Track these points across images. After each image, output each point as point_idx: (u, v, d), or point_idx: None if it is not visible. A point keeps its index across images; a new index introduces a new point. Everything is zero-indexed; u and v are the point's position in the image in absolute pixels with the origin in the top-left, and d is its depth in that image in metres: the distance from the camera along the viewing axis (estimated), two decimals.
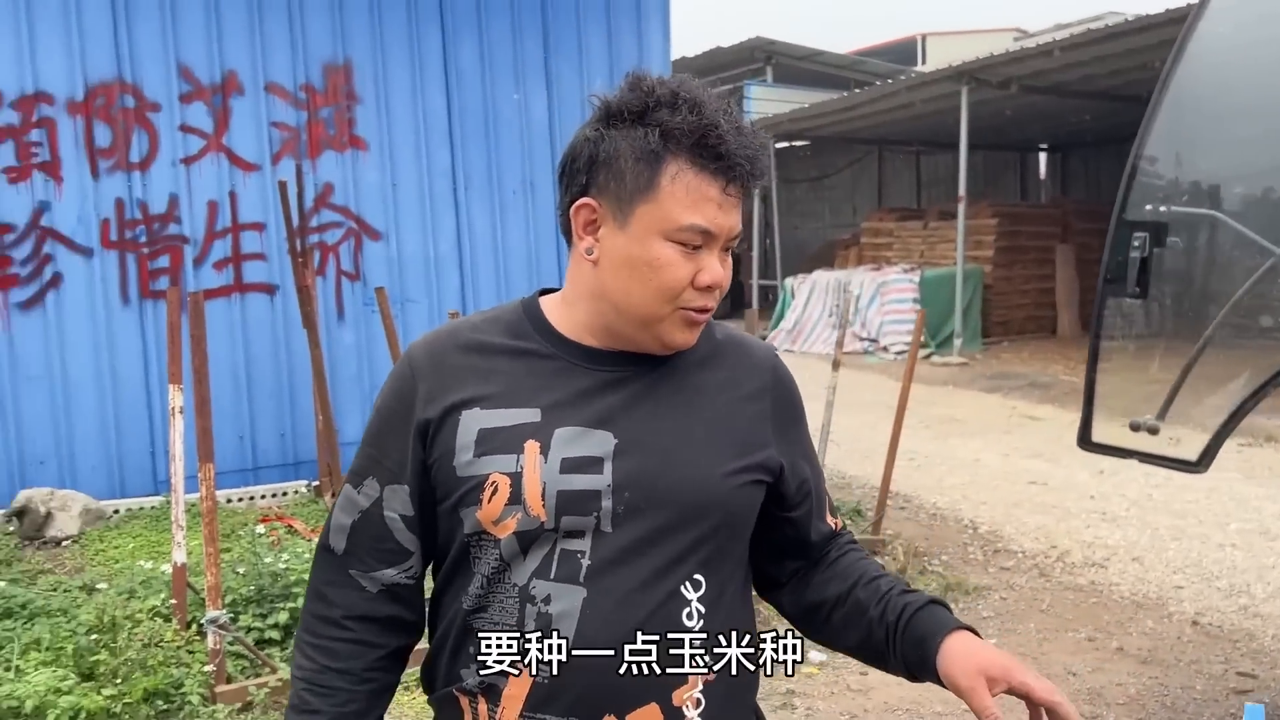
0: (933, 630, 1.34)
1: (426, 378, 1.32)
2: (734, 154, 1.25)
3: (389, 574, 1.34)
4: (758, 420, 1.38)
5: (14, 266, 6.06)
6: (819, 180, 23.78)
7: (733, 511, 1.35)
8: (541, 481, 1.26)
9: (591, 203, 1.29)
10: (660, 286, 1.26)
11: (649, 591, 1.27)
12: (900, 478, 8.44)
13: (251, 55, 6.56)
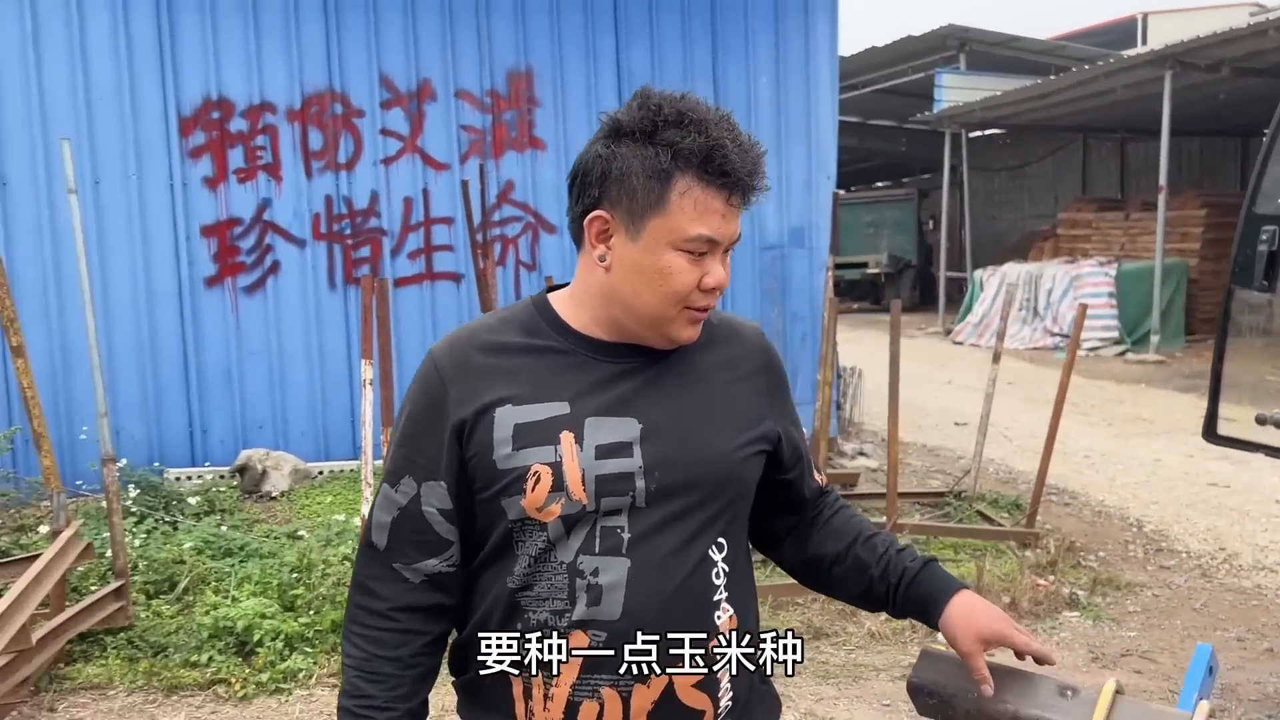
0: (934, 594, 1.52)
1: (455, 380, 1.39)
2: (737, 170, 1.35)
3: (431, 564, 1.41)
4: (755, 396, 1.50)
5: (241, 255, 6.95)
6: (1019, 169, 22.93)
7: (745, 481, 1.48)
8: (580, 468, 1.35)
9: (604, 215, 1.37)
10: (670, 291, 1.36)
11: (683, 556, 1.38)
12: (1071, 475, 8.29)
13: (444, 65, 7.21)
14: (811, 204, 8.02)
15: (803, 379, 8.05)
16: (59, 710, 3.87)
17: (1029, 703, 1.55)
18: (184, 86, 6.75)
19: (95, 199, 6.55)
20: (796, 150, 7.97)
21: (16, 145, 6.45)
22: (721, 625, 1.40)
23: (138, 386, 6.71)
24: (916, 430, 10.13)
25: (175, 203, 6.79)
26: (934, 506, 7.05)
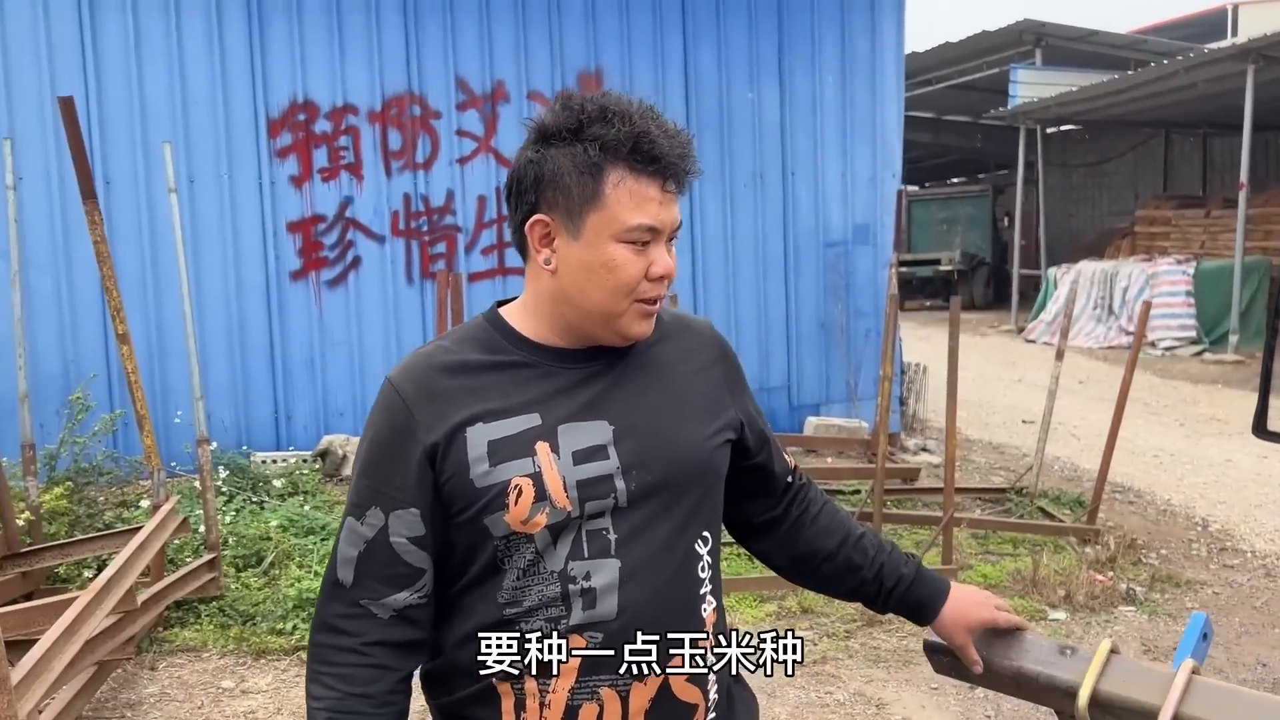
0: (929, 599, 1.63)
1: (420, 405, 1.36)
2: (667, 155, 1.34)
3: (401, 597, 1.35)
4: (716, 387, 1.52)
5: (325, 250, 7.30)
6: (1097, 165, 22.52)
7: (716, 471, 1.49)
8: (560, 475, 1.34)
9: (544, 218, 1.37)
10: (617, 284, 1.35)
11: (671, 552, 1.40)
12: (1138, 474, 8.25)
13: (517, 67, 7.47)
14: (876, 201, 8.11)
15: (866, 375, 8.15)
16: (159, 669, 4.20)
17: (1032, 660, 1.70)
18: (272, 90, 7.12)
19: (190, 197, 6.95)
20: (862, 148, 8.07)
21: (119, 147, 6.87)
22: (707, 617, 1.43)
23: (227, 374, 7.11)
24: (983, 428, 10.13)
25: (263, 200, 7.17)
26: (995, 502, 7.11)
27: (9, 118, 6.60)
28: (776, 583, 5.31)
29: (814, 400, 8.29)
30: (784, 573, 1.71)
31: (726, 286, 7.95)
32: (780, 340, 8.19)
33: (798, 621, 4.93)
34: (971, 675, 1.75)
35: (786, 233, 8.04)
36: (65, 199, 6.63)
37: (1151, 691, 1.59)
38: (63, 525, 5.14)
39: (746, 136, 7.91)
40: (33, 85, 6.68)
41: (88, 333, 6.86)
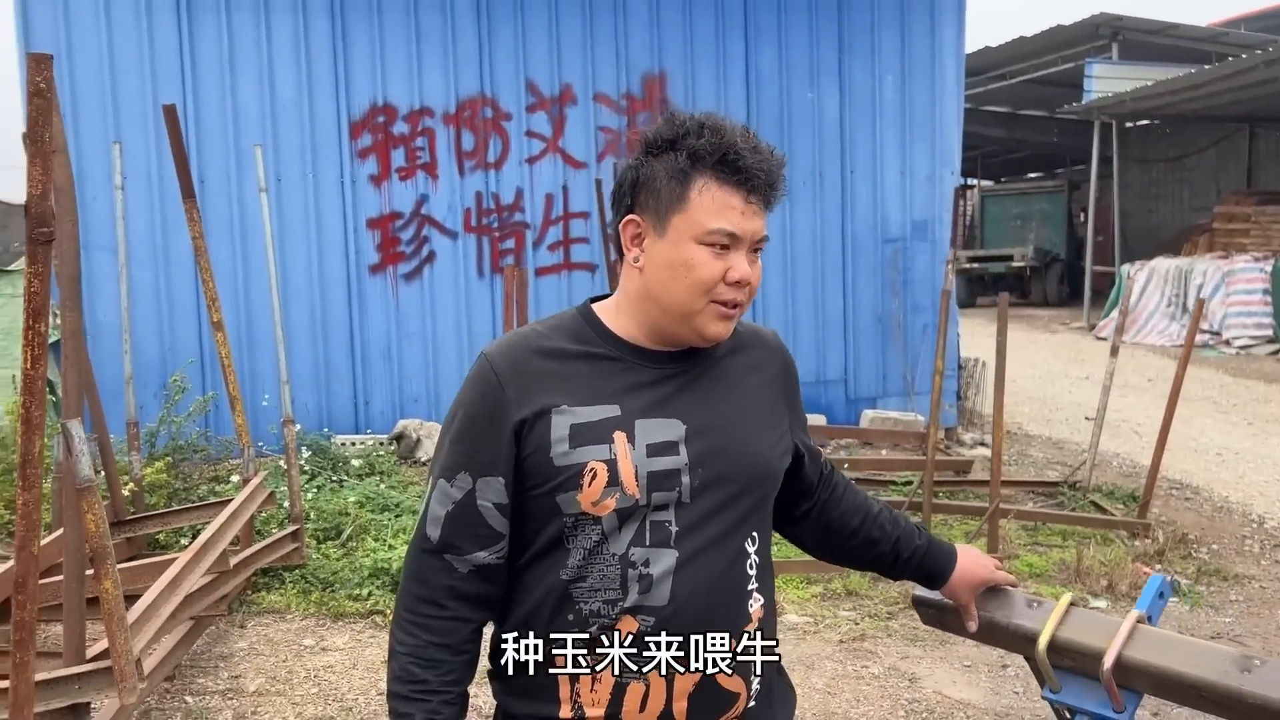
0: (940, 567, 1.82)
1: (511, 382, 1.46)
2: (751, 168, 1.43)
3: (481, 556, 1.46)
4: (777, 400, 1.63)
5: (401, 246, 7.72)
6: (1178, 160, 22.04)
7: (775, 478, 1.60)
8: (634, 465, 1.43)
9: (636, 218, 1.48)
10: (695, 282, 1.44)
11: (723, 548, 1.48)
12: (1198, 471, 8.25)
13: (584, 70, 7.78)
14: (934, 198, 8.24)
15: (923, 369, 8.28)
16: (248, 628, 4.61)
17: (1005, 612, 1.94)
18: (354, 94, 7.55)
19: (278, 196, 7.40)
20: (920, 146, 8.20)
21: (213, 149, 7.36)
22: (753, 613, 1.51)
23: (311, 361, 7.56)
24: (1045, 424, 10.16)
25: (345, 199, 7.60)
26: (1048, 495, 7.21)
27: (116, 123, 7.13)
28: (823, 566, 5.54)
29: (871, 393, 8.46)
30: (811, 551, 1.86)
31: (785, 282, 8.16)
32: (838, 334, 8.38)
33: (842, 603, 5.14)
34: (954, 625, 1.99)
35: (845, 229, 8.22)
36: (164, 198, 7.13)
37: (1100, 637, 1.82)
38: (162, 497, 5.61)
39: (806, 135, 8.11)
40: (136, 93, 7.20)
41: (183, 322, 7.37)
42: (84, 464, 2.83)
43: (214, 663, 4.21)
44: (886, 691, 4.10)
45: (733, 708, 1.50)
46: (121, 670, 2.86)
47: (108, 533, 2.91)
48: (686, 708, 1.46)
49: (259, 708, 3.83)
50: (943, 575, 1.84)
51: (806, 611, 4.99)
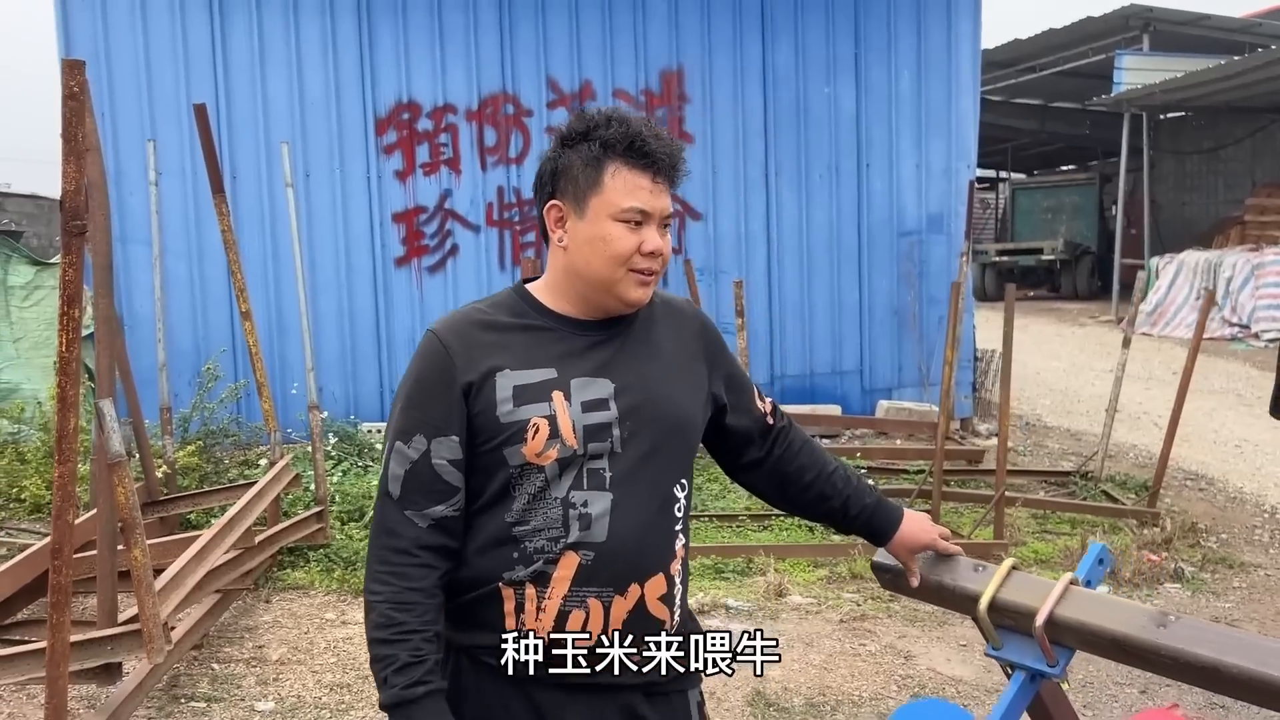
0: (884, 526, 1.95)
1: (458, 352, 1.63)
2: (656, 153, 1.62)
3: (439, 510, 1.60)
4: (696, 359, 1.80)
5: (425, 239, 7.94)
6: (1212, 152, 21.82)
7: (694, 428, 1.77)
8: (571, 420, 1.60)
9: (558, 203, 1.66)
10: (613, 255, 1.62)
11: (654, 491, 1.67)
12: (1214, 462, 8.29)
13: (603, 67, 7.95)
14: (950, 191, 8.32)
15: (938, 360, 8.37)
16: (273, 602, 4.84)
17: (952, 575, 2.09)
18: (380, 91, 7.77)
19: (306, 190, 7.64)
20: (937, 140, 8.29)
21: (244, 145, 7.61)
22: (678, 550, 1.71)
23: (338, 351, 7.81)
24: (1065, 416, 10.21)
25: (371, 193, 7.83)
26: (1059, 485, 7.29)
27: (152, 121, 7.40)
28: (829, 550, 5.68)
29: (886, 385, 8.57)
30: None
31: (801, 274, 8.29)
32: (854, 326, 8.49)
33: (846, 585, 5.28)
34: (908, 588, 2.15)
35: (861, 223, 8.33)
36: (197, 193, 7.39)
37: (1036, 598, 1.96)
38: (194, 479, 5.86)
39: (823, 131, 8.23)
40: (171, 92, 7.46)
41: (215, 313, 7.63)
42: (115, 441, 3.05)
43: (240, 634, 4.44)
44: (881, 667, 4.24)
45: (658, 634, 1.67)
46: (150, 633, 3.08)
47: (137, 505, 3.13)
48: (620, 632, 1.63)
49: (281, 675, 4.04)
50: (885, 534, 1.98)
51: (811, 593, 5.14)
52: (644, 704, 1.69)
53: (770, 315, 8.36)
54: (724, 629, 4.63)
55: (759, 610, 4.86)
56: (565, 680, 1.62)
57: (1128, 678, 4.25)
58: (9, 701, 3.77)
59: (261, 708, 3.75)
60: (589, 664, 1.62)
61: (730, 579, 5.31)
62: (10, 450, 6.34)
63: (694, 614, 1.84)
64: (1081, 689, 4.11)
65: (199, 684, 3.92)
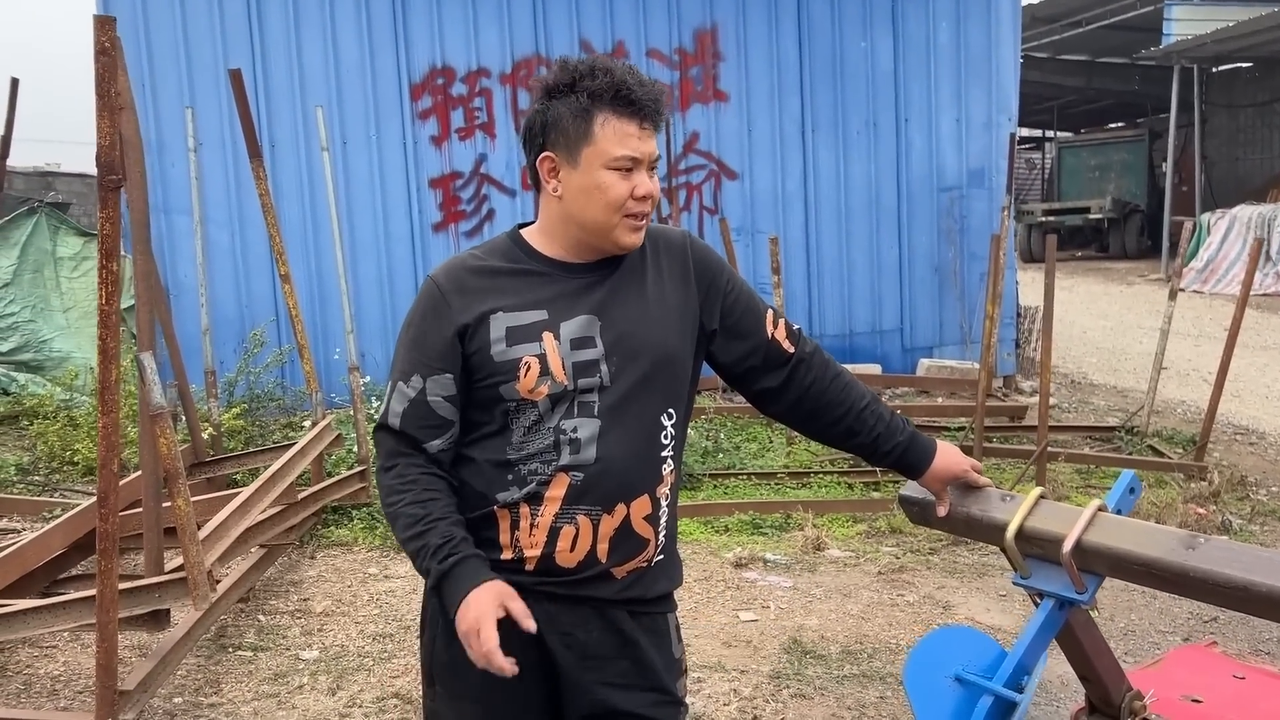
0: (918, 460, 1.97)
1: (454, 295, 1.72)
2: (642, 100, 1.68)
3: (435, 444, 1.73)
4: (685, 285, 1.84)
5: (462, 204, 7.97)
6: (1268, 105, 21.22)
7: (680, 359, 1.81)
8: (561, 358, 1.70)
9: (551, 155, 1.71)
10: (608, 202, 1.69)
11: (642, 419, 1.75)
12: (1266, 417, 8.16)
13: (636, 26, 7.90)
14: (991, 145, 8.19)
15: (980, 318, 8.27)
16: (318, 558, 4.93)
17: (981, 506, 2.08)
18: (414, 57, 7.79)
19: (344, 157, 7.70)
20: (977, 93, 8.15)
21: (282, 113, 7.68)
22: (665, 475, 1.79)
23: (379, 316, 7.88)
24: (1111, 373, 10.06)
25: (408, 159, 7.87)
26: (1105, 440, 7.19)
27: (190, 88, 7.48)
28: (868, 505, 5.67)
29: (927, 343, 8.49)
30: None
31: (839, 232, 8.21)
32: (893, 284, 8.41)
33: (885, 539, 5.27)
34: (935, 520, 2.14)
35: (900, 179, 8.22)
36: (238, 162, 7.47)
37: (1064, 525, 1.95)
38: (239, 441, 5.97)
39: (860, 85, 8.12)
40: (209, 61, 7.53)
41: (258, 282, 7.74)
42: (156, 393, 3.11)
43: (285, 588, 4.53)
44: (919, 617, 4.23)
45: (643, 552, 1.77)
46: (194, 580, 3.16)
47: (179, 455, 3.20)
48: (608, 549, 1.73)
49: (325, 625, 4.13)
50: (919, 468, 1.99)
51: (849, 547, 5.13)
52: (627, 620, 1.79)
53: (808, 274, 8.30)
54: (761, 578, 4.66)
55: (796, 564, 4.86)
56: (556, 593, 1.73)
57: (1171, 625, 4.21)
58: (64, 651, 3.89)
59: (306, 656, 3.83)
60: (578, 574, 1.72)
61: (768, 534, 5.32)
62: (63, 415, 6.50)
63: (678, 552, 1.92)
64: (1123, 637, 4.07)
65: (245, 634, 4.01)
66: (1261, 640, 4.07)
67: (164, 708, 3.39)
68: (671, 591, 1.89)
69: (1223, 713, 2.29)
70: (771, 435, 6.97)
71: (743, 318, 1.90)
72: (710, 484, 6.04)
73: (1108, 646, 2.23)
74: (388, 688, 3.55)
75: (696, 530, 5.32)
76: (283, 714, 3.38)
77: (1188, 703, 2.34)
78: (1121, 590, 4.54)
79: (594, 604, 1.76)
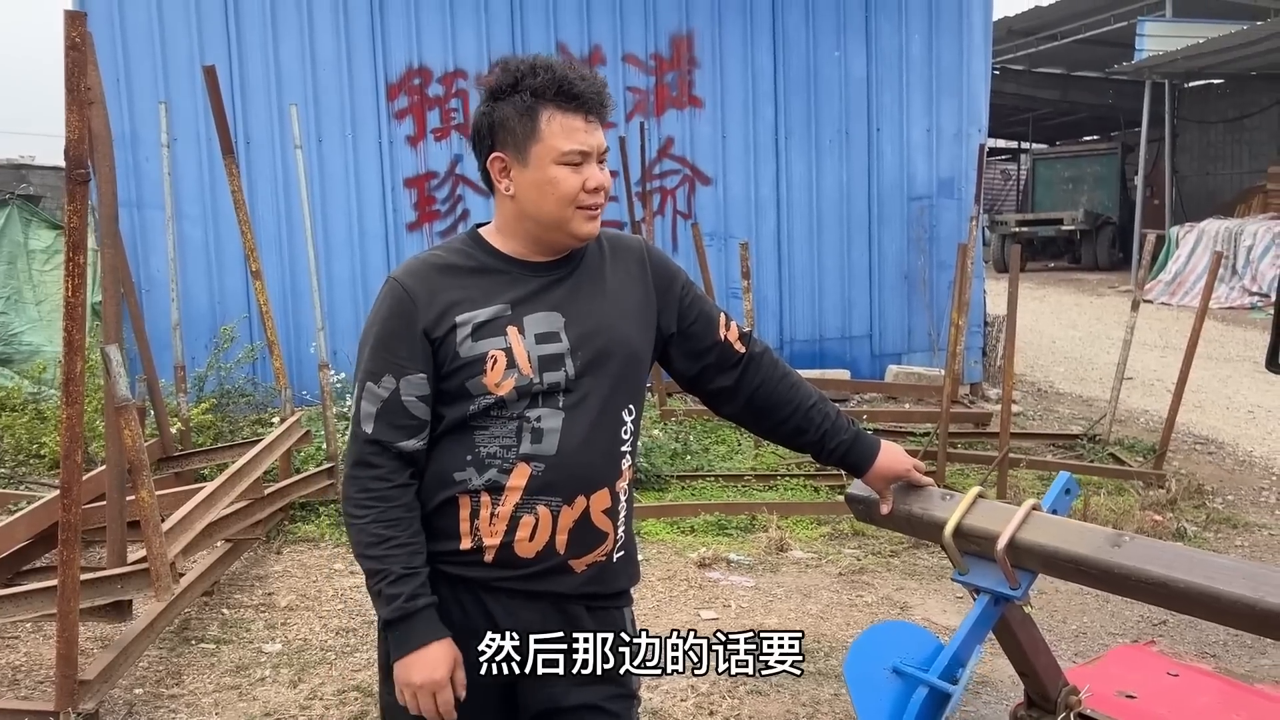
0: (861, 459, 2.04)
1: (419, 295, 1.73)
2: (585, 94, 1.70)
3: (410, 444, 1.72)
4: (643, 288, 1.88)
5: (437, 204, 8.00)
6: (1237, 121, 21.52)
7: (640, 356, 1.86)
8: (527, 350, 1.72)
9: (500, 155, 1.74)
10: (561, 196, 1.72)
11: (604, 415, 1.78)
12: (1226, 427, 8.28)
13: (613, 31, 7.96)
14: (961, 155, 8.30)
15: (948, 325, 8.39)
16: (284, 554, 4.95)
17: (922, 504, 2.15)
18: (391, 57, 7.81)
19: (319, 155, 7.71)
20: (948, 103, 8.26)
21: (257, 110, 7.68)
22: (624, 470, 1.83)
23: (352, 314, 7.89)
24: (1078, 382, 10.19)
25: (383, 158, 7.90)
26: (1067, 448, 7.30)
27: (165, 84, 7.47)
28: (831, 508, 5.74)
29: (896, 349, 8.59)
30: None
31: (811, 239, 8.30)
32: (863, 291, 8.50)
33: (847, 541, 5.34)
34: (879, 518, 2.21)
35: (871, 187, 8.32)
36: (213, 158, 7.45)
37: (999, 523, 2.02)
38: (209, 436, 5.98)
39: (833, 94, 8.21)
40: (185, 56, 7.53)
41: (231, 278, 7.73)
42: (121, 385, 3.14)
43: (250, 582, 4.55)
44: (876, 617, 4.30)
45: (601, 545, 1.80)
46: (157, 571, 3.18)
47: (143, 448, 3.23)
48: (566, 540, 1.75)
49: (289, 620, 4.15)
50: (863, 466, 2.06)
51: (812, 549, 5.20)
52: (585, 616, 1.81)
53: (780, 280, 8.38)
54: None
55: (759, 564, 4.93)
56: (515, 589, 1.75)
57: (1121, 628, 4.30)
58: (25, 642, 3.90)
59: (269, 649, 3.86)
60: (537, 566, 1.74)
61: (733, 535, 5.38)
62: (30, 409, 6.48)
63: (636, 550, 1.95)
64: (1074, 639, 4.16)
65: (209, 627, 4.04)
66: (1208, 643, 4.17)
67: (125, 698, 3.41)
68: (629, 588, 1.92)
69: (1155, 708, 2.37)
70: (740, 438, 7.04)
71: (697, 321, 1.96)
72: (678, 485, 6.10)
73: (1045, 644, 2.31)
74: (349, 681, 3.59)
75: (662, 530, 5.37)
76: (244, 705, 3.41)
77: (1122, 698, 2.43)
78: (1074, 594, 4.64)
79: (553, 599, 1.77)
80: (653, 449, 6.25)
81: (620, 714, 1.85)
